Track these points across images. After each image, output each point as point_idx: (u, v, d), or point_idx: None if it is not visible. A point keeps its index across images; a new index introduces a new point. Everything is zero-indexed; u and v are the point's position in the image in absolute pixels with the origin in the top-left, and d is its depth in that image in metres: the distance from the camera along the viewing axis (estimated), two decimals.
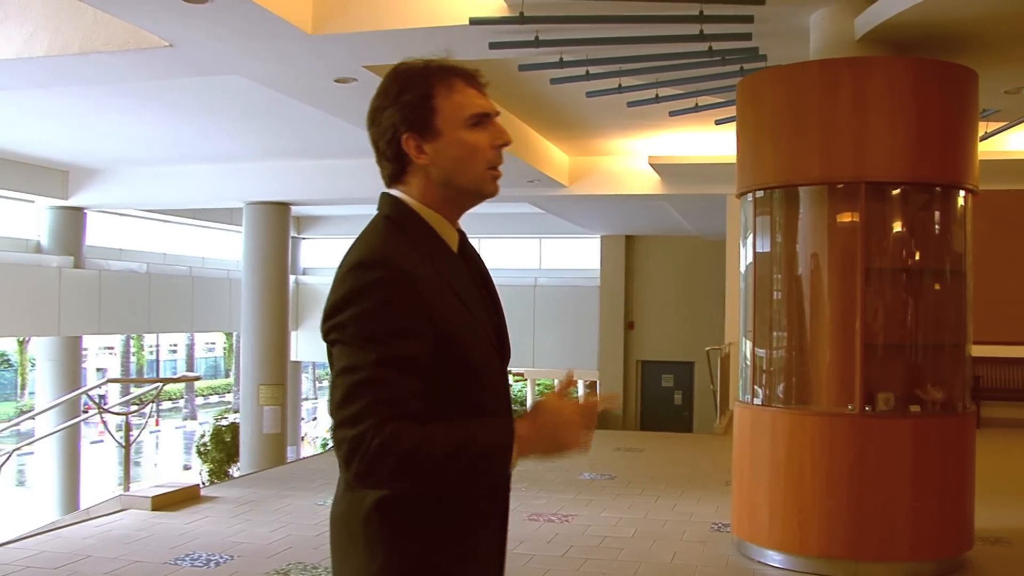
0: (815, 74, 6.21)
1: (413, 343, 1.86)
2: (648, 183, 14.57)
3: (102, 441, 26.81)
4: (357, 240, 2.02)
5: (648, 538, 7.10)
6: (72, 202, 16.98)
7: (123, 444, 8.45)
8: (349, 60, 7.82)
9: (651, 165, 13.64)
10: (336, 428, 1.84)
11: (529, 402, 30.77)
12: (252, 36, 7.07)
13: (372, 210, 2.09)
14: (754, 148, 6.53)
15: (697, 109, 9.42)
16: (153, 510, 7.72)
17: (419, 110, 2.01)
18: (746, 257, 6.63)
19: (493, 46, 7.16)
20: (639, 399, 22.33)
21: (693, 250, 21.30)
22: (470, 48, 7.49)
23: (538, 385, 33.12)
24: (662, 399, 22.14)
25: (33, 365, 28.35)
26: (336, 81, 8.45)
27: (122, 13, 6.68)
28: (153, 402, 9.53)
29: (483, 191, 2.09)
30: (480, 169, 2.06)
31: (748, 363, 6.59)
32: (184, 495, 8.20)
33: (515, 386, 34.36)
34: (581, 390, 30.70)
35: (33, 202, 17.18)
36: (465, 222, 2.19)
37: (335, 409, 1.85)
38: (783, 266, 6.48)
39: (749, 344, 6.56)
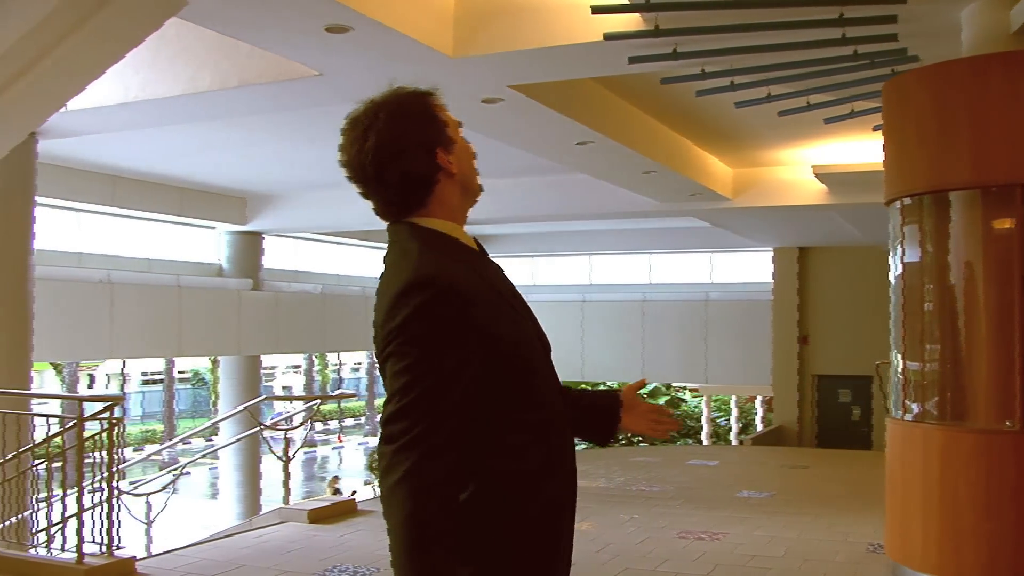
0: (963, 72, 5.90)
1: (461, 352, 1.93)
2: (814, 193, 14.14)
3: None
4: (394, 266, 2.06)
5: (798, 558, 6.87)
6: (250, 227, 17.84)
7: (283, 458, 8.77)
8: (493, 81, 7.91)
9: (815, 175, 13.25)
10: (384, 442, 1.90)
11: (705, 419, 30.09)
12: (395, 61, 7.24)
13: (533, 228, 2.22)
14: (901, 153, 6.26)
15: (852, 115, 9.09)
16: (310, 523, 7.98)
17: (435, 125, 2.13)
18: (895, 268, 6.35)
19: (631, 60, 7.11)
20: (815, 415, 21.64)
21: (868, 260, 20.48)
22: (609, 63, 7.48)
23: (714, 401, 32.33)
24: (839, 415, 21.38)
25: None
26: (484, 102, 8.55)
27: (272, 47, 7.04)
28: (310, 420, 9.86)
29: (480, 189, 2.23)
30: (475, 169, 2.23)
31: (899, 378, 6.31)
32: (341, 509, 8.45)
33: (691, 402, 33.74)
34: (759, 407, 29.86)
35: (215, 228, 18.12)
36: (632, 239, 2.33)
37: (385, 422, 1.92)
38: (935, 276, 6.17)
39: (900, 358, 6.28)
